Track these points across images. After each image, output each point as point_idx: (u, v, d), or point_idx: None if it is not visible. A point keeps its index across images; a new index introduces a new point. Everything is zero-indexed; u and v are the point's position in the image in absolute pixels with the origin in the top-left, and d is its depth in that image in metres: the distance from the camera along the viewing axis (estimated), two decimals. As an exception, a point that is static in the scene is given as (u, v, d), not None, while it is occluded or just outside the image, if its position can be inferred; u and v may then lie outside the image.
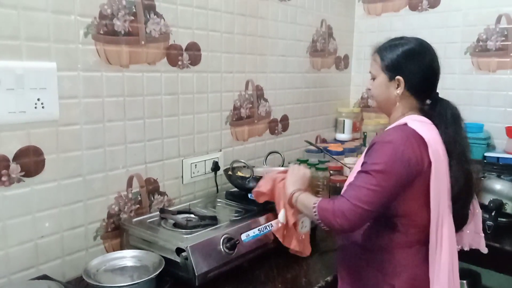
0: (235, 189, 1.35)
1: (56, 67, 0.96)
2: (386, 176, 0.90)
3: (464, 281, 1.65)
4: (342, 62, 2.05)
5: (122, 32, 1.09)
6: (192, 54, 1.29)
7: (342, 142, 1.97)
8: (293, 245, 1.13)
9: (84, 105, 1.04)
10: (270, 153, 1.48)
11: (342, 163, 1.61)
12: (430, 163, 0.92)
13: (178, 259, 0.97)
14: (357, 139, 2.03)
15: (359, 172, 0.94)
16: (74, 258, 1.06)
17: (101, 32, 1.05)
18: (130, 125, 1.15)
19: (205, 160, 1.37)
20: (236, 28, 1.43)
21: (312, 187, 1.59)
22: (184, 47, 1.26)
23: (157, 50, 1.19)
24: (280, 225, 1.11)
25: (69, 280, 1.03)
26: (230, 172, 1.29)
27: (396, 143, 0.92)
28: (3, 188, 0.91)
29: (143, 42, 1.15)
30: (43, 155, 0.97)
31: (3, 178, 0.91)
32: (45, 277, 0.95)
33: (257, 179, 1.26)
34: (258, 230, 1.13)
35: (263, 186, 1.15)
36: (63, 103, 0.99)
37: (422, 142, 0.93)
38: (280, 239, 1.12)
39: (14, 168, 0.92)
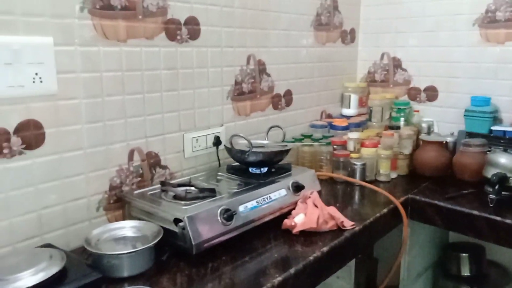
0: (237, 163, 1.37)
1: (52, 42, 0.98)
2: None
3: (466, 255, 1.65)
4: (348, 36, 2.02)
5: (119, 6, 1.10)
6: (191, 29, 1.29)
7: (348, 117, 1.96)
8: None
9: (82, 79, 1.05)
10: (271, 127, 1.49)
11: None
12: None
13: (176, 229, 1.00)
14: (363, 114, 2.02)
15: None
16: (78, 228, 1.09)
17: (97, 6, 1.06)
18: (129, 99, 1.16)
19: (206, 135, 1.39)
20: (237, 2, 1.42)
21: (316, 162, 1.60)
22: (182, 22, 1.26)
23: (155, 24, 1.19)
24: (293, 223, 1.14)
25: (73, 249, 1.07)
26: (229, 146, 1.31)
27: None
28: (5, 160, 0.94)
29: (140, 17, 1.15)
30: (43, 129, 1.00)
31: (5, 151, 0.94)
32: (49, 245, 0.99)
33: (257, 153, 1.28)
34: (257, 202, 1.15)
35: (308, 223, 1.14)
36: (61, 78, 1.01)
37: None
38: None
39: (15, 141, 0.95)
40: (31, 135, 0.98)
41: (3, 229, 0.96)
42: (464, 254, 1.64)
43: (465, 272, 1.65)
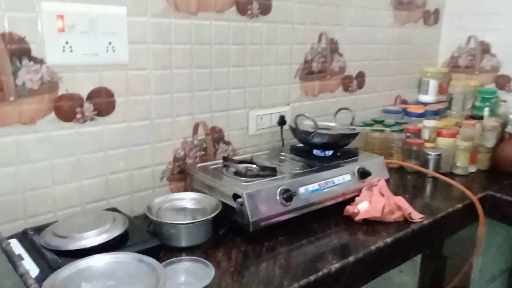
0: (301, 144, 1.33)
1: (126, 12, 1.00)
2: None
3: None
4: (432, 17, 1.87)
5: (191, -22, 1.10)
6: (263, 3, 1.26)
7: (425, 104, 1.83)
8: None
9: (152, 51, 1.07)
10: (339, 109, 1.43)
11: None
12: None
13: (235, 205, 0.99)
14: (443, 101, 1.87)
15: None
16: (142, 195, 1.13)
17: (170, -22, 1.06)
18: (197, 73, 1.17)
19: (271, 114, 1.37)
20: (311, -24, 1.37)
21: (385, 149, 1.52)
22: (254, -4, 1.24)
23: (226, -3, 1.18)
24: (356, 211, 1.09)
25: (136, 216, 1.11)
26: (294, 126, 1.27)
27: None
28: (78, 125, 0.99)
29: (212, -11, 1.14)
30: (114, 97, 1.03)
31: (78, 116, 0.98)
32: (114, 209, 1.04)
33: (322, 134, 1.23)
34: (318, 185, 1.11)
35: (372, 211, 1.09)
36: (133, 48, 1.03)
37: None
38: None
39: (88, 107, 0.99)
40: (102, 102, 1.02)
41: (75, 189, 1.02)
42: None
43: (548, 281, 1.49)
